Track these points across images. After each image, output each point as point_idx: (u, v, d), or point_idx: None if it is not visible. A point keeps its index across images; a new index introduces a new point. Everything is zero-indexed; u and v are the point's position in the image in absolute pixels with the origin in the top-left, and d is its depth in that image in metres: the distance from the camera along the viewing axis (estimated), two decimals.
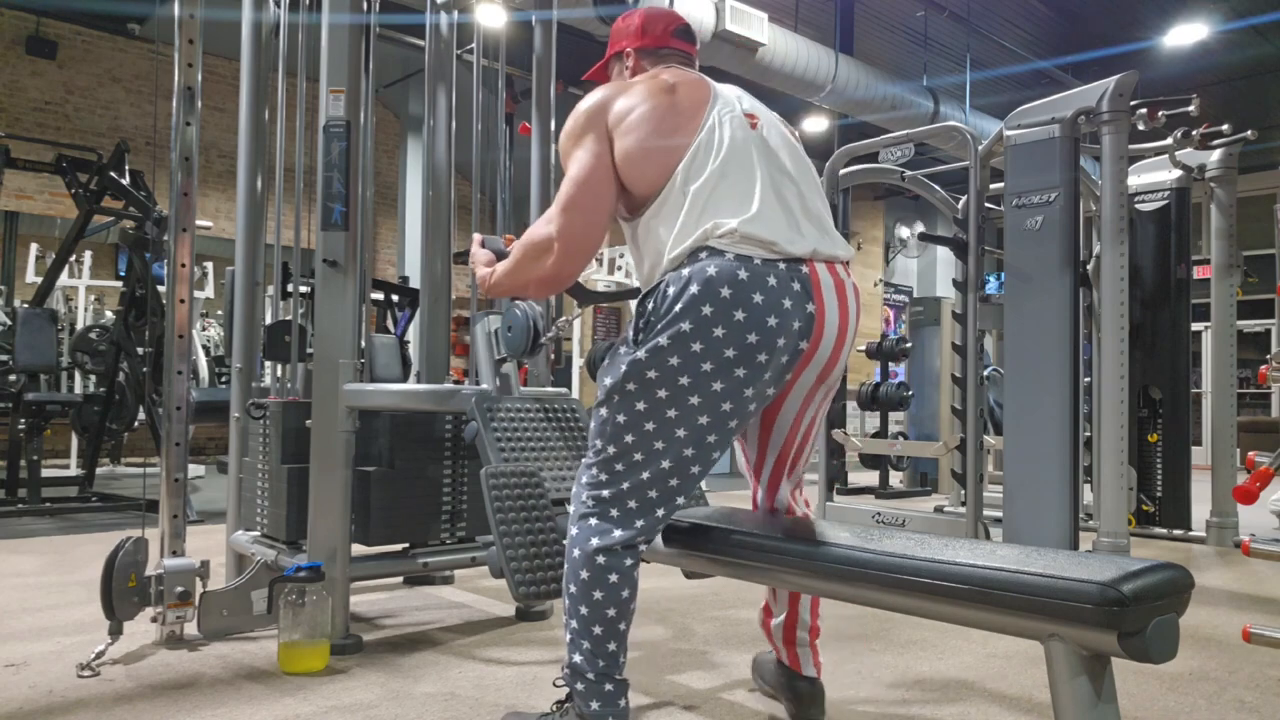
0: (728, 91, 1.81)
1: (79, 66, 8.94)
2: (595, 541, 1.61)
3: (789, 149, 1.79)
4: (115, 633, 2.34)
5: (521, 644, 2.57)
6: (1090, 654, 1.17)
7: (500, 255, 1.96)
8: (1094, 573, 1.17)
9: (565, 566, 1.66)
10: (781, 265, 1.60)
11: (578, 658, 1.62)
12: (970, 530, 4.04)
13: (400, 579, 3.31)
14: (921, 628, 2.75)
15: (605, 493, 1.63)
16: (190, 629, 2.51)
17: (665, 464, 1.59)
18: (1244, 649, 2.56)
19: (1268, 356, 3.95)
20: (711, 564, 1.61)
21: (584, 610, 1.60)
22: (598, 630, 1.60)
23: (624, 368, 1.60)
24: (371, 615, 2.89)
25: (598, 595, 1.59)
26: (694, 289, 1.55)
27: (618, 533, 1.61)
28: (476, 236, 2.06)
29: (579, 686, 1.62)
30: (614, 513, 1.62)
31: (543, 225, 1.74)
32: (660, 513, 1.63)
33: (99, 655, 2.28)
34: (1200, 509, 4.78)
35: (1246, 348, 8.58)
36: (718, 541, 1.62)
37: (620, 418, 1.61)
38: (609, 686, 1.61)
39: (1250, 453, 2.52)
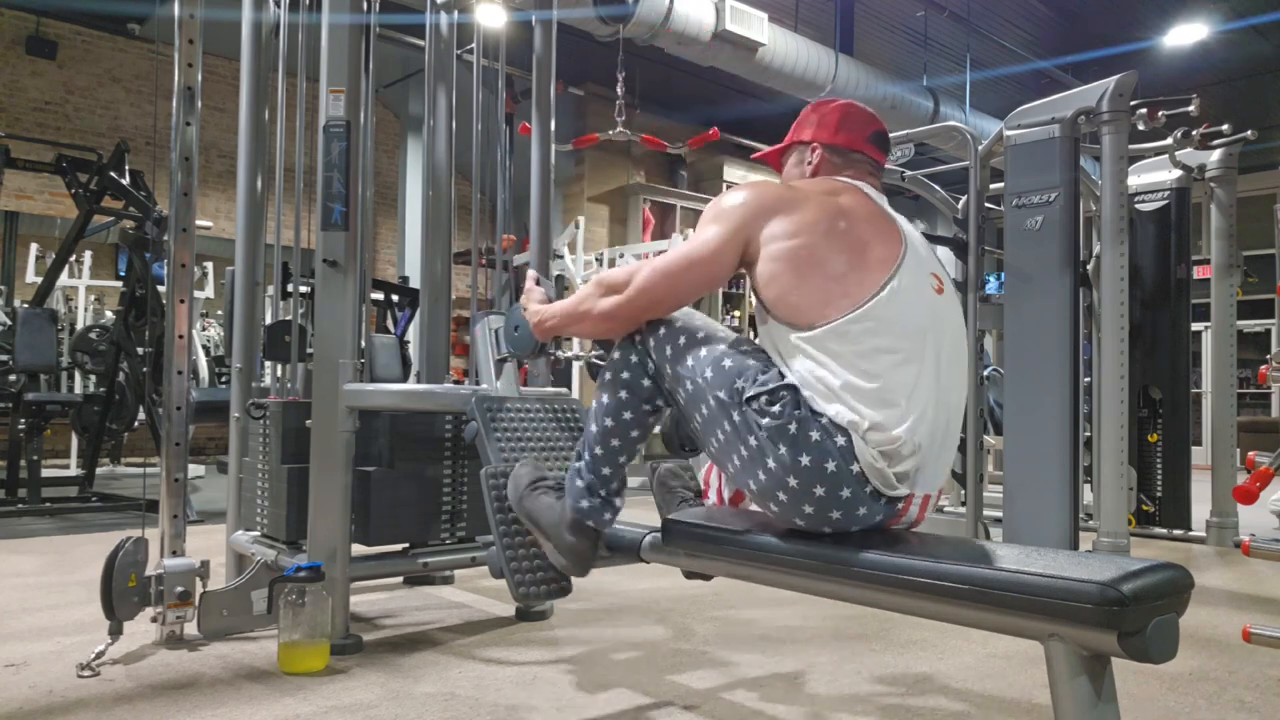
0: (913, 234, 1.62)
1: (79, 66, 8.94)
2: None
3: (960, 322, 1.64)
4: (115, 633, 2.34)
5: (521, 644, 2.57)
6: (1090, 654, 1.17)
7: (550, 296, 1.94)
8: (1094, 573, 1.17)
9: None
10: (883, 501, 1.47)
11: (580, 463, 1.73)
12: (970, 530, 4.03)
13: (400, 579, 3.31)
14: (921, 628, 2.76)
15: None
16: (190, 629, 2.51)
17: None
18: (1244, 649, 2.56)
19: (1268, 356, 3.94)
20: (711, 564, 1.61)
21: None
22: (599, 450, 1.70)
23: (721, 394, 1.53)
24: (371, 615, 2.89)
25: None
26: (805, 460, 1.43)
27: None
28: (531, 273, 2.02)
29: (578, 483, 1.72)
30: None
31: (624, 272, 1.67)
32: None
33: (99, 655, 2.28)
34: (1200, 509, 4.78)
35: (1246, 348, 8.58)
36: (718, 541, 1.61)
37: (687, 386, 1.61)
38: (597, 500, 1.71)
39: (1250, 453, 2.52)
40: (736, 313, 10.32)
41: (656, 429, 1.79)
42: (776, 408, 1.45)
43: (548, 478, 1.84)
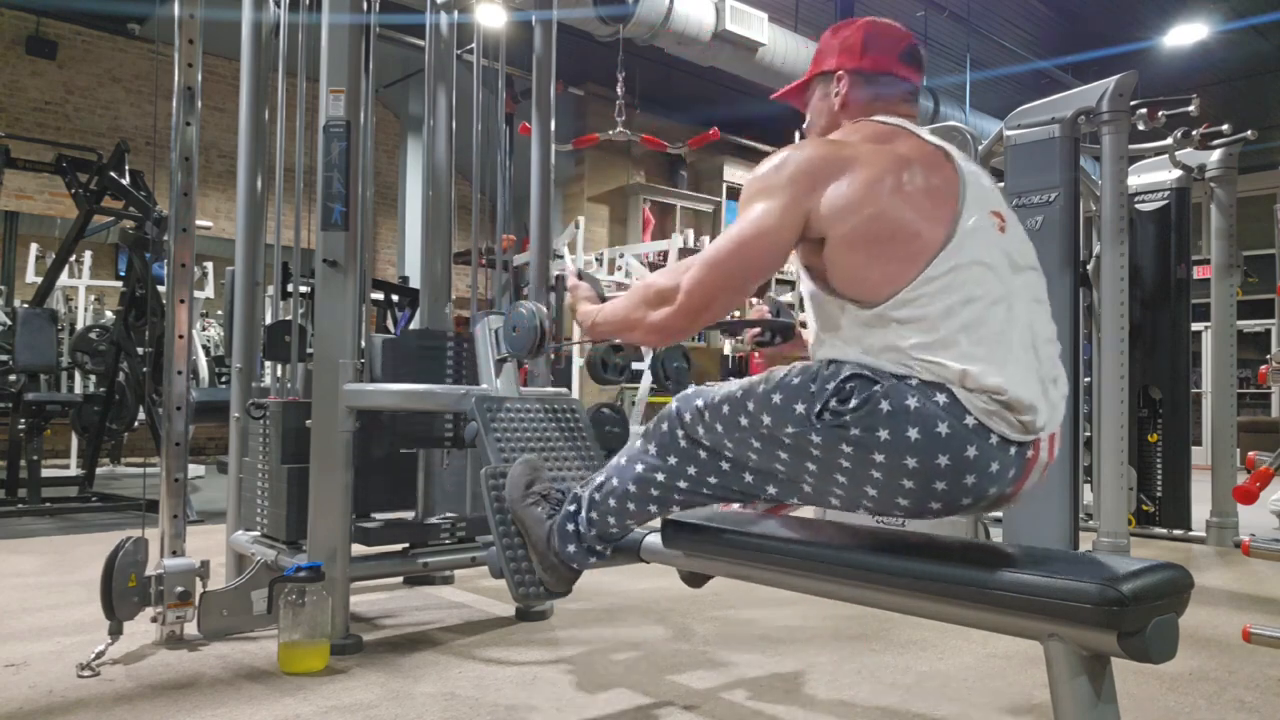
0: (970, 171, 1.47)
1: (79, 66, 8.94)
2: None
3: (1032, 256, 1.50)
4: (115, 633, 2.34)
5: (521, 644, 2.57)
6: (1090, 654, 1.17)
7: (599, 294, 1.78)
8: (1094, 573, 1.17)
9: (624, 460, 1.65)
10: (1013, 450, 1.35)
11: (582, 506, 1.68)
12: (970, 530, 4.03)
13: (400, 579, 3.31)
14: (921, 628, 2.76)
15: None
16: (190, 629, 2.51)
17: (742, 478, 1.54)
18: (1244, 649, 2.56)
19: (1268, 356, 3.94)
20: (711, 564, 1.61)
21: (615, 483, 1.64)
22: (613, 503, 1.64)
23: (790, 429, 1.40)
24: (371, 615, 2.89)
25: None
26: (914, 434, 1.31)
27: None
28: (571, 267, 1.91)
29: (569, 527, 1.69)
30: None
31: (672, 274, 1.50)
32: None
33: (99, 655, 2.28)
34: (1200, 509, 4.78)
35: (1246, 348, 8.58)
36: (718, 541, 1.61)
37: (735, 434, 1.49)
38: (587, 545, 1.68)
39: (1250, 453, 2.52)
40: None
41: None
42: (854, 401, 1.33)
43: (541, 480, 1.82)
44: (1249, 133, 4.52)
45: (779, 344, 1.90)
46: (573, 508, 1.69)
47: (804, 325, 1.72)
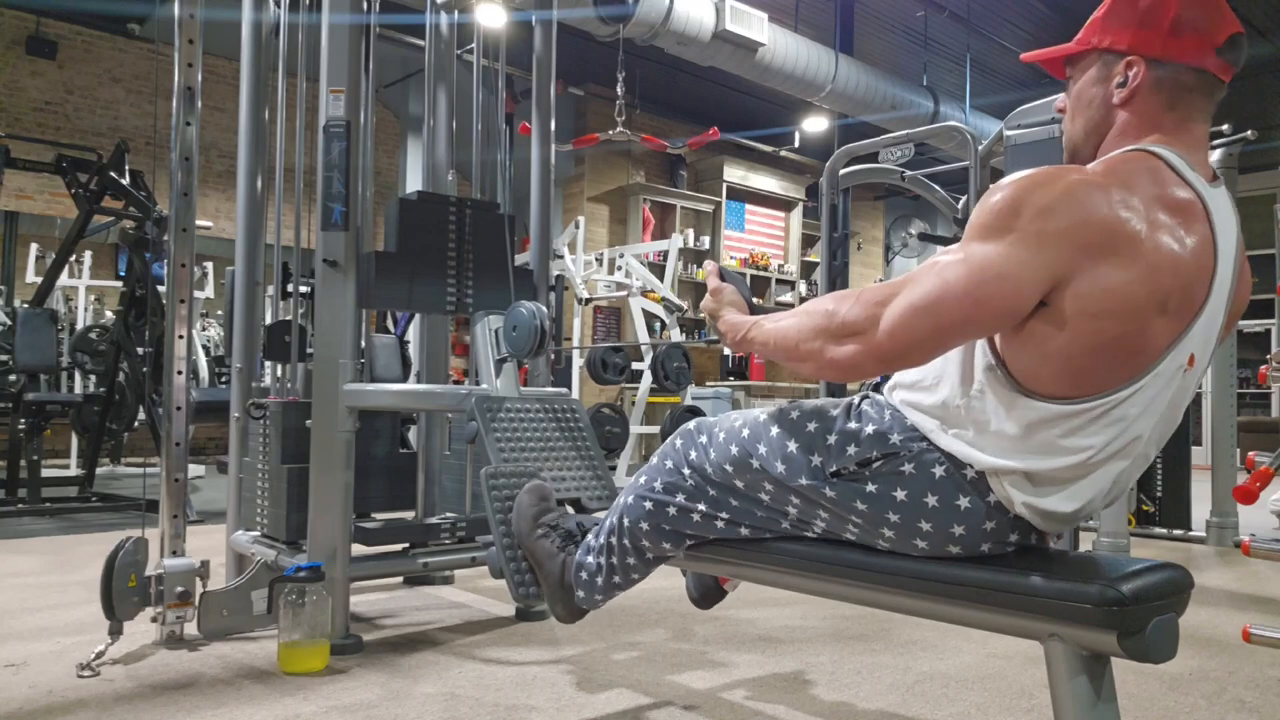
0: (1221, 288, 1.18)
1: (79, 66, 8.94)
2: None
3: (1189, 398, 1.27)
4: (115, 633, 2.34)
5: (521, 644, 2.57)
6: (1090, 654, 1.16)
7: (745, 298, 1.54)
8: (1094, 572, 1.17)
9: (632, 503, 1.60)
10: (1035, 531, 1.28)
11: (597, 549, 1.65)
12: None
13: (400, 579, 3.31)
14: (921, 628, 2.76)
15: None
16: (190, 629, 2.51)
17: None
18: (1244, 649, 2.56)
19: (1268, 356, 3.94)
20: (712, 564, 1.60)
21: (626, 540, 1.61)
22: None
23: (803, 481, 1.33)
24: (371, 615, 2.89)
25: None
26: (932, 500, 1.24)
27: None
28: (713, 266, 1.58)
29: (582, 575, 1.66)
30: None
31: (863, 305, 1.21)
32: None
33: (99, 655, 2.28)
34: (1200, 509, 4.78)
35: (1246, 348, 8.58)
36: (718, 542, 1.61)
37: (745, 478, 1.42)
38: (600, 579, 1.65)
39: (1250, 453, 2.52)
40: None
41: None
42: (878, 464, 1.27)
43: (550, 510, 1.79)
44: (1249, 133, 4.52)
45: None
46: (589, 558, 1.66)
47: None
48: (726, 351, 10.72)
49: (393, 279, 2.60)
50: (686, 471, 1.51)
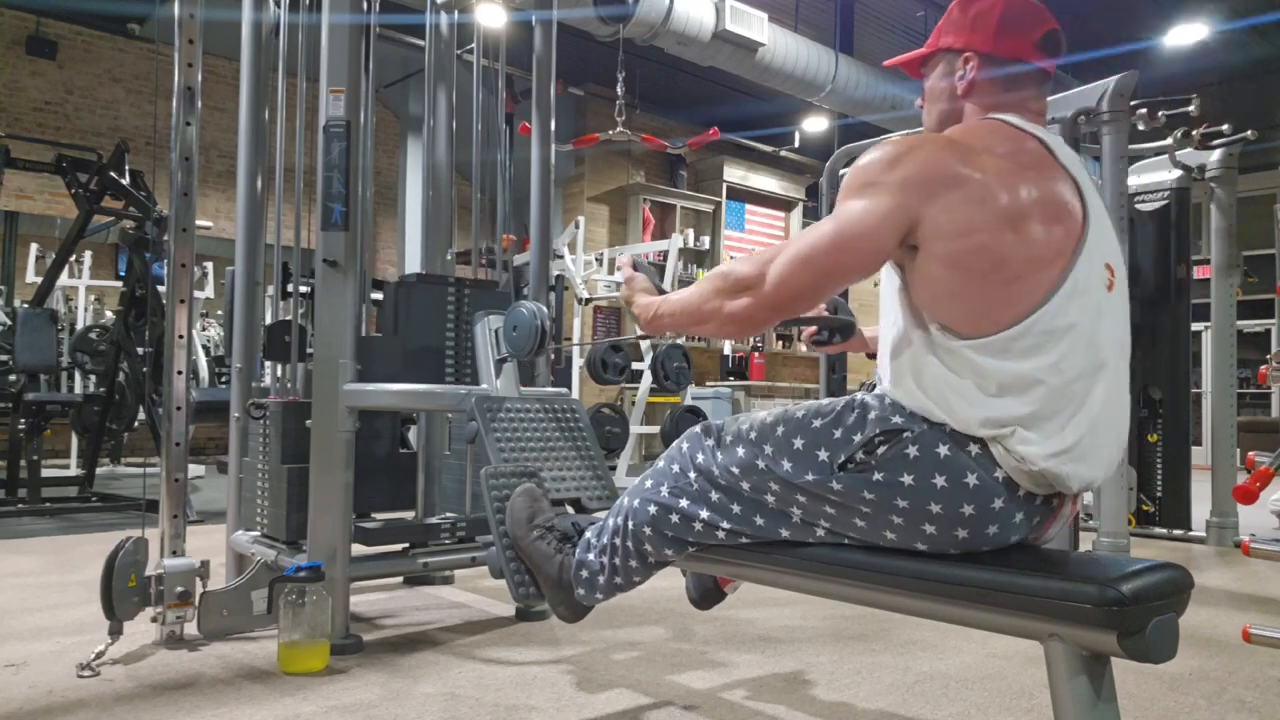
0: (1096, 206, 1.34)
1: (79, 66, 8.94)
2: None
3: (1126, 316, 1.39)
4: (115, 633, 2.34)
5: (521, 644, 2.57)
6: (1090, 654, 1.17)
7: (656, 285, 1.66)
8: (1094, 573, 1.17)
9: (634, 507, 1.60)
10: (1039, 501, 1.30)
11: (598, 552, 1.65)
12: None
13: (400, 579, 3.31)
14: (921, 628, 2.76)
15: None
16: (190, 629, 2.51)
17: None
18: (1244, 649, 2.56)
19: (1268, 356, 3.95)
20: (712, 565, 1.60)
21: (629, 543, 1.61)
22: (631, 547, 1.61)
23: (810, 477, 1.35)
24: (371, 615, 2.89)
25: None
26: (940, 481, 1.26)
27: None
28: (627, 258, 1.75)
29: (583, 573, 1.66)
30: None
31: (755, 263, 1.39)
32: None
33: (99, 655, 2.28)
34: (1200, 509, 4.78)
35: (1246, 348, 8.58)
36: (719, 545, 1.61)
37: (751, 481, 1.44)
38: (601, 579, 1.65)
39: (1250, 453, 2.52)
40: None
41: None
42: (883, 449, 1.29)
43: (542, 512, 1.80)
44: (1249, 133, 4.52)
45: (838, 342, 1.82)
46: (590, 556, 1.66)
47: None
48: (727, 350, 10.72)
49: (390, 363, 2.70)
50: (692, 475, 1.51)
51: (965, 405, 1.26)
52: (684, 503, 1.51)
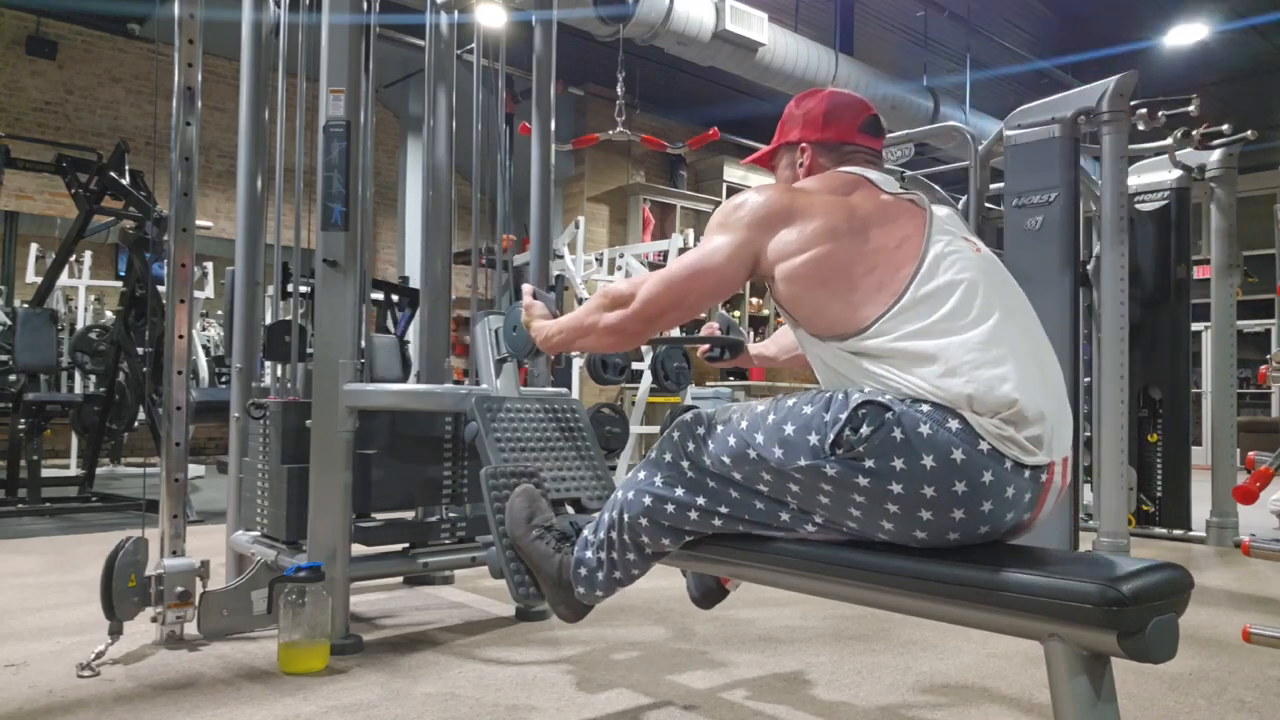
0: (940, 209, 1.53)
1: (79, 66, 8.94)
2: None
3: (1011, 278, 1.53)
4: (115, 633, 2.34)
5: (521, 644, 2.57)
6: (1090, 654, 1.17)
7: (552, 311, 1.87)
8: (1094, 573, 1.17)
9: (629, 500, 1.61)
10: (1027, 474, 1.33)
11: (595, 549, 1.66)
12: None
13: (400, 579, 3.31)
14: (921, 628, 2.76)
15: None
16: (190, 629, 2.51)
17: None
18: (1244, 649, 2.56)
19: (1268, 356, 3.95)
20: (712, 564, 1.61)
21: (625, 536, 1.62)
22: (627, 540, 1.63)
23: (802, 462, 1.37)
24: (371, 615, 2.89)
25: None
26: (929, 461, 1.29)
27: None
28: (527, 288, 1.96)
29: (581, 571, 1.67)
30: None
31: (630, 284, 1.59)
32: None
33: (99, 655, 2.28)
34: (1200, 509, 4.78)
35: (1246, 348, 8.58)
36: (717, 541, 1.61)
37: (744, 470, 1.46)
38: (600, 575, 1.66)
39: (1250, 453, 2.52)
40: (736, 312, 10.32)
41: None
42: (865, 429, 1.32)
43: (541, 512, 1.81)
44: (1249, 133, 4.52)
45: (728, 359, 2.11)
46: (587, 553, 1.66)
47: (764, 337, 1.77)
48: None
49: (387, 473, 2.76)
50: (685, 464, 1.53)
51: (919, 386, 1.33)
52: (678, 491, 1.53)
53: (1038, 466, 1.34)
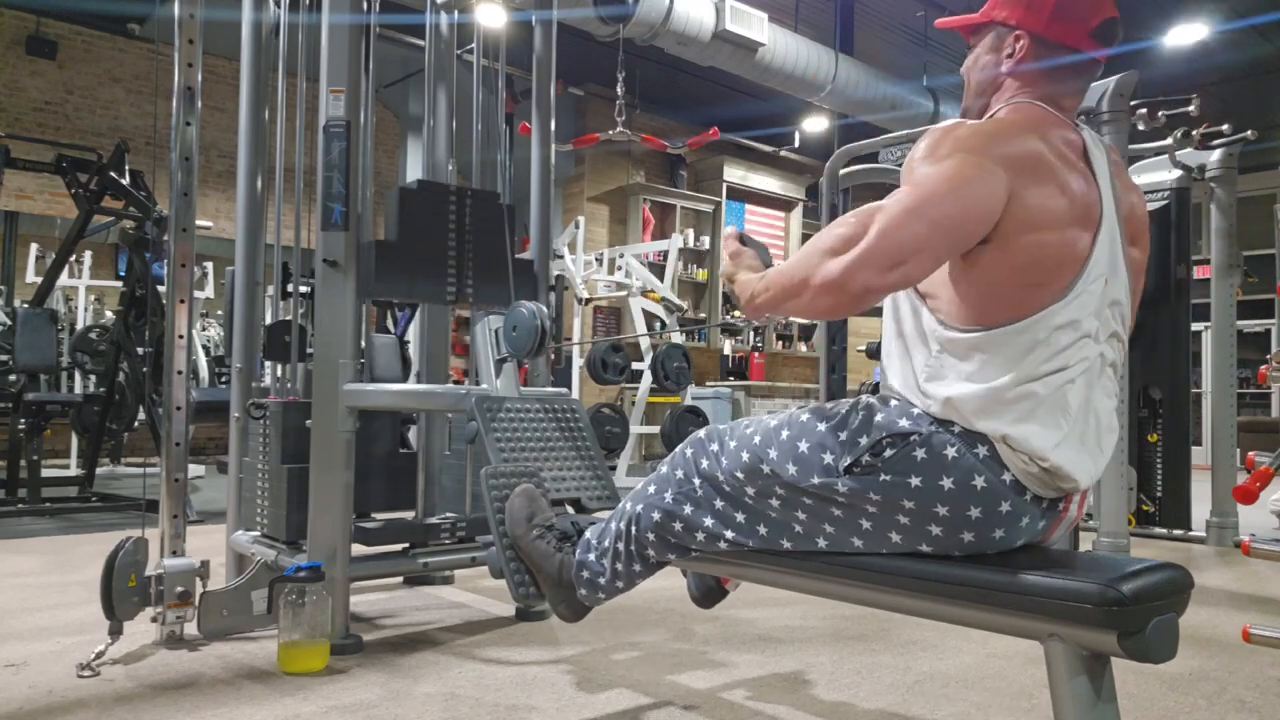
0: (1110, 219, 1.31)
1: (79, 66, 8.93)
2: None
3: (1127, 302, 1.35)
4: (115, 633, 2.34)
5: (521, 644, 2.57)
6: (1090, 654, 1.17)
7: (765, 262, 1.50)
8: (1094, 573, 1.17)
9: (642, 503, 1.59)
10: (1045, 504, 1.28)
11: (601, 554, 1.65)
12: None
13: (400, 579, 3.31)
14: (921, 628, 2.76)
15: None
16: (190, 629, 2.51)
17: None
18: (1244, 649, 2.56)
19: (1268, 356, 3.95)
20: (712, 565, 1.61)
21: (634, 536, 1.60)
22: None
23: (815, 480, 1.33)
24: (371, 615, 2.89)
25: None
26: (948, 483, 1.24)
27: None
28: (731, 230, 1.57)
29: (584, 574, 1.66)
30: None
31: (851, 225, 1.25)
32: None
33: (99, 655, 2.28)
34: (1200, 509, 4.78)
35: (1246, 348, 8.58)
36: None
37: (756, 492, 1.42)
38: (602, 579, 1.65)
39: (1250, 453, 2.52)
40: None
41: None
42: (890, 452, 1.27)
43: (541, 511, 1.80)
44: (1249, 133, 4.52)
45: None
46: (591, 557, 1.66)
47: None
48: (727, 351, 10.72)
49: (393, 269, 2.59)
50: (697, 481, 1.51)
51: (971, 401, 1.25)
52: (688, 509, 1.51)
53: (1057, 500, 1.31)
